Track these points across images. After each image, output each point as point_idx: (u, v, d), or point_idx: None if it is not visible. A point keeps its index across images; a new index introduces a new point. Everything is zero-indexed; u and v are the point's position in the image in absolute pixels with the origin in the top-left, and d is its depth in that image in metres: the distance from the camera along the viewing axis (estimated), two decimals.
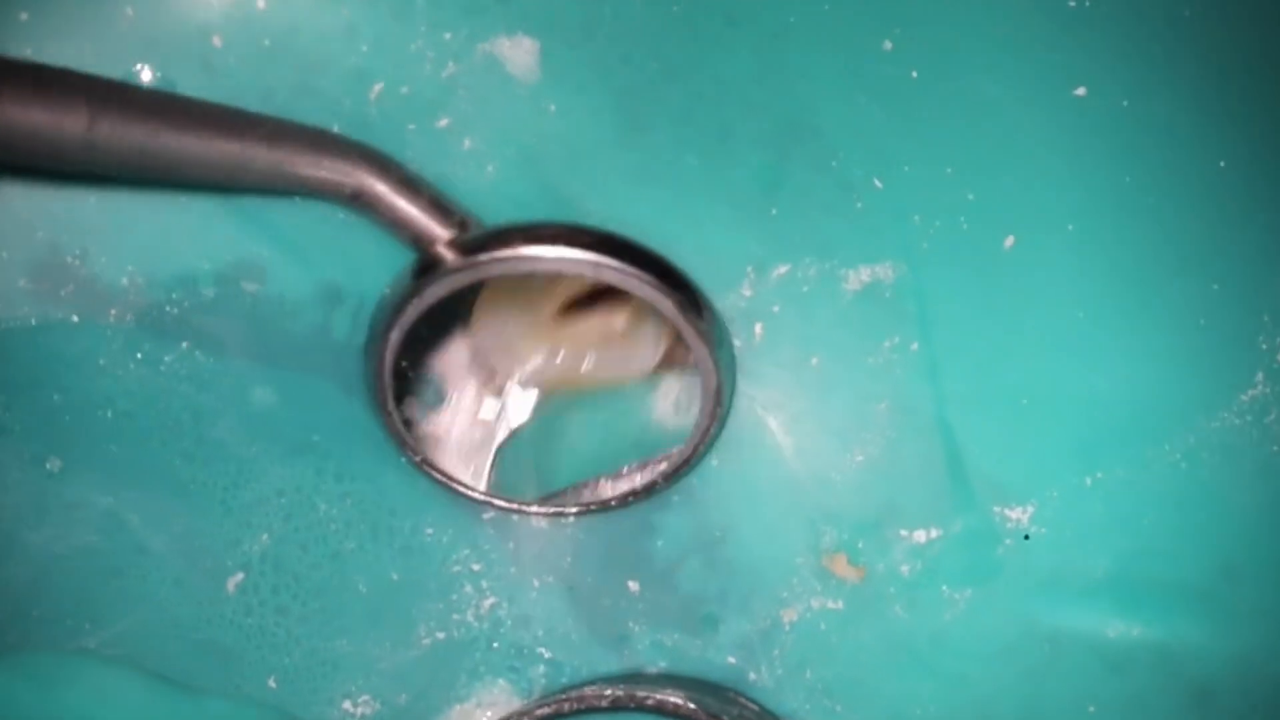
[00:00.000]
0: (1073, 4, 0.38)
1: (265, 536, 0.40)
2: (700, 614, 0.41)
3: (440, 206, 0.36)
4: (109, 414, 0.39)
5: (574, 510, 0.41)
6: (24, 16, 0.36)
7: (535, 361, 0.42)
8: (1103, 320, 0.39)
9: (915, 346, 0.40)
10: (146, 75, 0.37)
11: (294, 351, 0.39)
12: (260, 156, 0.34)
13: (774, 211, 0.39)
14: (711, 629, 0.41)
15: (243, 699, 0.41)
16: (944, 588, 0.40)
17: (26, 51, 0.36)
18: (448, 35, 0.38)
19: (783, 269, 0.39)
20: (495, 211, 0.38)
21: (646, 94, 0.39)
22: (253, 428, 0.40)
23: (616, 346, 0.41)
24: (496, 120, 0.38)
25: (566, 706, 0.40)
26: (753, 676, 0.42)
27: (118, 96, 0.31)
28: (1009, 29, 0.38)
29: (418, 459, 0.40)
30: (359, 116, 0.38)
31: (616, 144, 0.39)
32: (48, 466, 0.39)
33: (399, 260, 0.37)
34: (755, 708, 0.41)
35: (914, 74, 0.38)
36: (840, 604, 0.41)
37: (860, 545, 0.41)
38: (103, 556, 0.40)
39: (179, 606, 0.40)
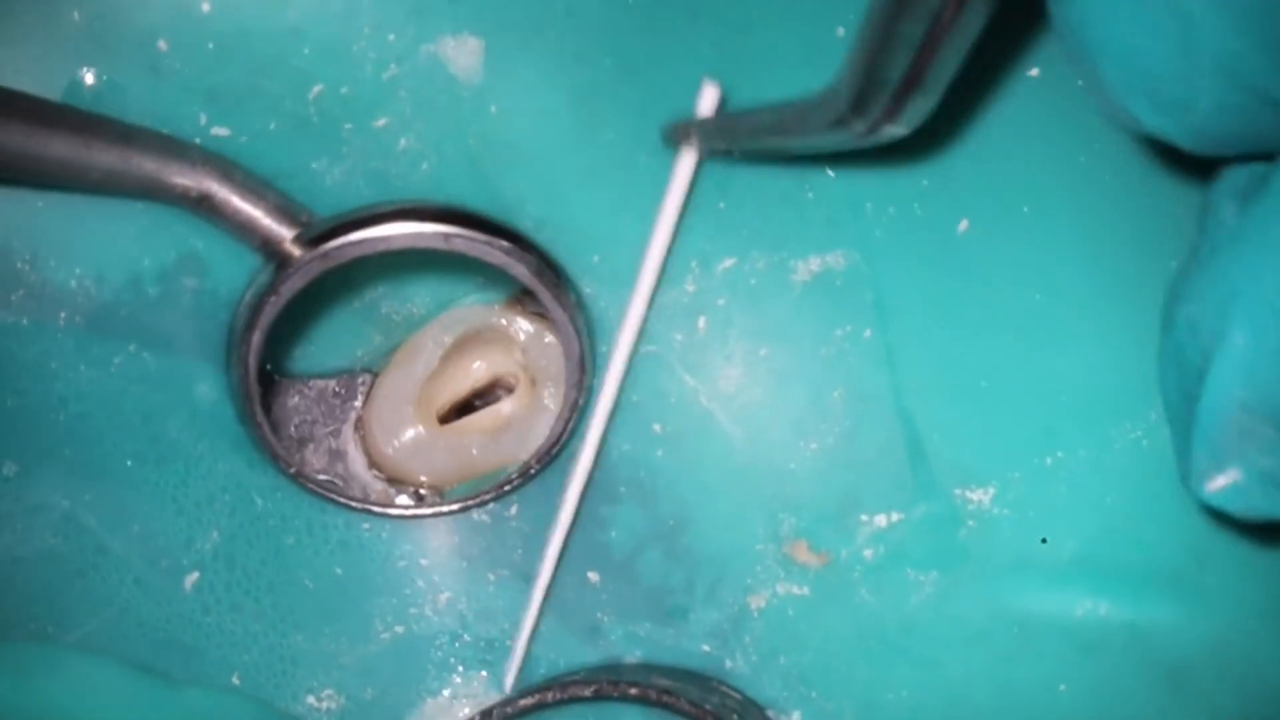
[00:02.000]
0: None
1: (215, 534, 0.43)
2: (668, 604, 0.44)
3: (285, 208, 0.39)
4: (63, 417, 0.42)
5: (454, 508, 0.44)
6: None
7: (436, 462, 0.44)
8: (1061, 301, 0.41)
9: (869, 334, 0.42)
10: (92, 78, 0.39)
11: (225, 343, 0.42)
12: (104, 157, 0.37)
13: (722, 205, 0.41)
14: (681, 618, 0.44)
15: (219, 688, 0.43)
16: (909, 571, 0.43)
17: None
18: (391, 37, 0.40)
19: (729, 262, 0.42)
20: None
21: (600, 92, 0.41)
22: (198, 424, 0.42)
23: (508, 431, 0.44)
24: (436, 121, 0.41)
25: (550, 697, 0.42)
26: (729, 664, 0.44)
27: None
28: None
29: (291, 470, 0.43)
30: (298, 117, 0.40)
31: (563, 143, 0.41)
32: (5, 471, 0.42)
33: None
34: (737, 696, 0.43)
35: None
36: (806, 590, 0.43)
37: (821, 531, 0.43)
38: (64, 559, 0.42)
39: (141, 607, 0.43)
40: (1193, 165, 0.40)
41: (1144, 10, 0.27)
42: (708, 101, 0.38)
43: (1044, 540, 0.42)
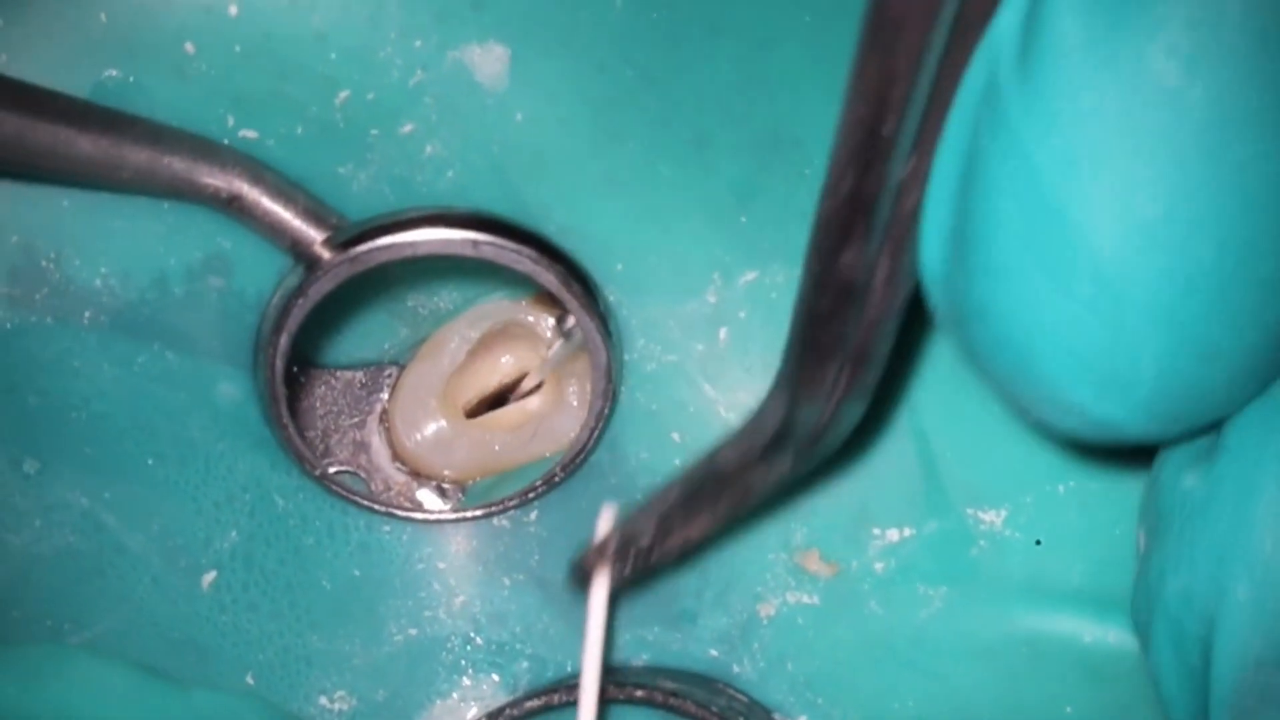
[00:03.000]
0: None
1: (234, 533, 0.43)
2: (677, 609, 0.44)
3: (315, 211, 0.39)
4: (84, 416, 0.42)
5: (477, 513, 0.44)
6: None
7: (459, 456, 0.45)
8: None
9: None
10: (118, 79, 0.39)
11: (253, 344, 0.42)
12: (135, 156, 0.37)
13: (744, 220, 0.41)
14: (690, 623, 0.44)
15: (224, 692, 0.43)
16: (919, 586, 0.43)
17: (1, 57, 0.38)
18: (418, 43, 0.40)
19: (750, 275, 0.42)
20: None
21: (622, 102, 0.41)
22: (220, 424, 0.43)
23: (531, 427, 0.45)
24: (461, 127, 0.41)
25: (556, 699, 0.42)
26: (735, 669, 0.44)
27: None
28: None
29: (316, 473, 0.43)
30: (324, 121, 0.41)
31: (587, 152, 0.41)
32: (25, 469, 0.42)
33: None
34: (744, 699, 0.44)
35: None
36: (816, 599, 0.44)
37: (833, 542, 0.43)
38: (82, 557, 0.42)
39: (158, 606, 0.43)
40: None
41: (1067, 285, 0.26)
42: (605, 523, 0.39)
43: (1038, 542, 0.42)
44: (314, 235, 0.39)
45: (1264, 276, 0.26)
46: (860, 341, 0.30)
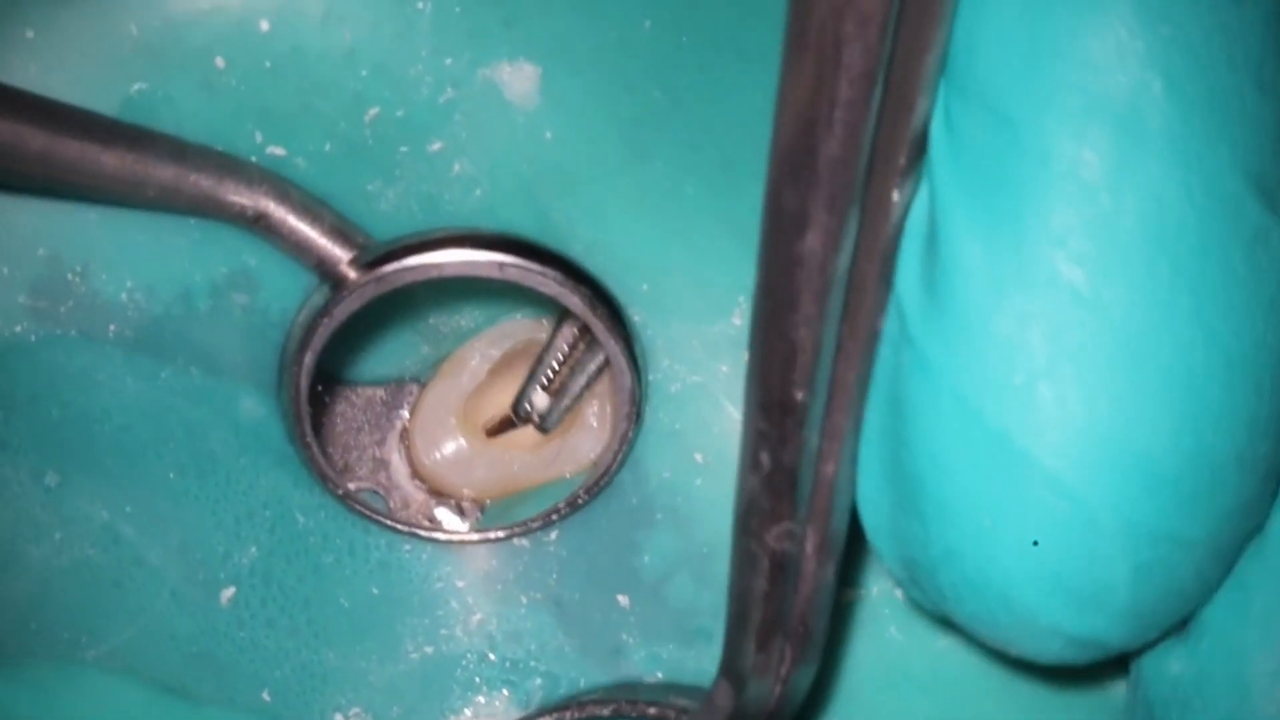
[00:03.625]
0: None
1: (254, 549, 0.43)
2: (693, 626, 0.44)
3: (341, 230, 0.39)
4: (107, 429, 0.42)
5: (500, 534, 0.43)
6: (29, 34, 0.39)
7: (478, 475, 0.45)
8: None
9: None
10: (147, 93, 0.39)
11: (278, 361, 0.42)
12: (160, 173, 0.37)
13: None
14: (705, 641, 0.44)
15: (239, 708, 0.43)
16: None
17: (31, 68, 0.39)
18: (449, 60, 0.40)
19: None
20: None
21: (650, 123, 0.41)
22: (242, 440, 0.43)
23: (550, 447, 0.45)
24: (490, 145, 0.41)
25: (569, 716, 0.42)
26: None
27: (17, 103, 0.35)
28: None
29: (339, 492, 0.43)
30: (353, 138, 0.41)
31: (614, 172, 0.41)
32: (46, 481, 0.42)
33: None
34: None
35: None
36: (836, 623, 0.43)
37: (854, 567, 0.43)
38: (101, 570, 0.42)
39: (176, 620, 0.43)
40: None
41: (1027, 508, 0.26)
42: None
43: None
44: (340, 254, 0.39)
45: (1222, 456, 0.26)
46: (800, 614, 0.30)
